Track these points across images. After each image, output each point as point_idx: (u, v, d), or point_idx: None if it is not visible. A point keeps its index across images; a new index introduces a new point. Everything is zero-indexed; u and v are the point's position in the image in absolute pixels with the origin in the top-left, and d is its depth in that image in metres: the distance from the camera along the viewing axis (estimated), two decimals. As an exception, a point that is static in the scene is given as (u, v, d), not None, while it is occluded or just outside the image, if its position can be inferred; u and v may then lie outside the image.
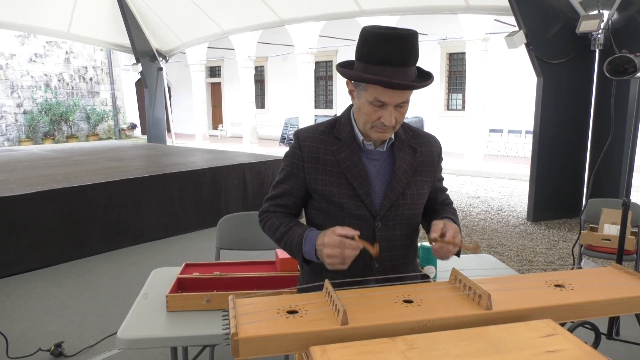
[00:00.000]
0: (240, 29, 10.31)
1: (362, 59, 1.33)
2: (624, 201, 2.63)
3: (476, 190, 8.53)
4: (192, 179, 5.95)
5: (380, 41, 1.28)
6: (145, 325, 1.73)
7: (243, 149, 13.37)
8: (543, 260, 4.76)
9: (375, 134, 1.40)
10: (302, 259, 1.42)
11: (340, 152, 1.43)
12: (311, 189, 1.47)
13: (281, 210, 1.53)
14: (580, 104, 5.98)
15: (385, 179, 1.45)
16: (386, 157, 1.47)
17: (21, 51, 15.71)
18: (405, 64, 1.29)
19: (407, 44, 1.28)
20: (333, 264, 1.31)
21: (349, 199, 1.43)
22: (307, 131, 1.50)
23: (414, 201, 1.48)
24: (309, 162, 1.45)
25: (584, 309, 1.21)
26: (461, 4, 6.85)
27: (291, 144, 1.51)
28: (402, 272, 1.47)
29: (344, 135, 1.45)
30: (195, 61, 16.37)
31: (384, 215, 1.44)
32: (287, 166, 1.51)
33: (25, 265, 4.51)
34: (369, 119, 1.37)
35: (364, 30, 1.32)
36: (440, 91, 13.96)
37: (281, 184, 1.52)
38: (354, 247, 1.30)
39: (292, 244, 1.43)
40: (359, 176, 1.42)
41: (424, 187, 1.51)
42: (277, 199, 1.53)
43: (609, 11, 5.56)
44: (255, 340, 1.02)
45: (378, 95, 1.32)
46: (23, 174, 5.88)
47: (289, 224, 1.47)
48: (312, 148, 1.45)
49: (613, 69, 2.53)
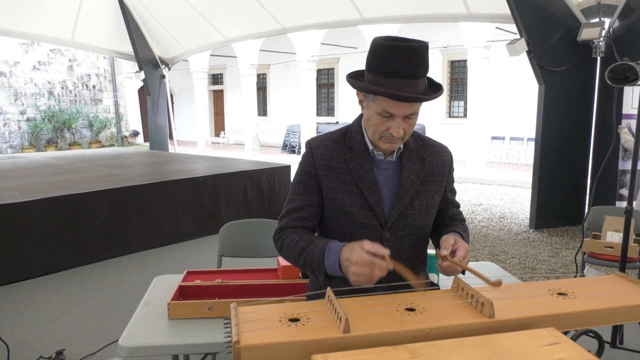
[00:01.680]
0: (242, 36, 10.37)
1: (371, 70, 1.33)
2: (626, 208, 2.62)
3: (478, 197, 8.51)
4: (194, 186, 5.96)
5: (390, 53, 1.28)
6: (146, 333, 1.73)
7: (245, 156, 13.39)
8: (546, 268, 4.74)
9: (383, 144, 1.40)
10: (325, 274, 1.35)
11: (352, 161, 1.44)
12: (323, 197, 1.47)
13: (301, 225, 1.46)
14: (582, 112, 5.99)
15: (394, 188, 1.45)
16: (395, 167, 1.46)
17: (25, 59, 15.81)
18: (415, 76, 1.29)
19: (417, 57, 1.29)
20: (359, 281, 1.27)
21: (360, 208, 1.42)
22: (319, 140, 1.50)
23: (422, 211, 1.47)
24: (321, 169, 1.45)
25: (587, 318, 1.20)
26: (463, 12, 6.88)
27: (303, 154, 1.50)
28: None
29: (355, 145, 1.45)
30: (198, 69, 16.44)
31: (392, 225, 1.43)
32: (301, 175, 1.49)
33: (27, 272, 4.51)
34: (377, 130, 1.37)
35: (374, 41, 1.32)
36: (442, 98, 13.98)
37: (297, 196, 1.48)
38: (383, 268, 1.25)
39: (312, 258, 1.37)
40: (370, 185, 1.42)
41: (434, 197, 1.50)
42: (295, 213, 1.47)
43: (610, 19, 5.58)
44: (257, 348, 1.02)
45: (386, 106, 1.32)
46: (26, 181, 5.90)
47: (309, 238, 1.42)
48: (324, 156, 1.45)
49: (614, 76, 2.54)
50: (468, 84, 11.45)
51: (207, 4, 9.28)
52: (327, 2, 7.93)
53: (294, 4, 8.35)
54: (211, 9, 9.42)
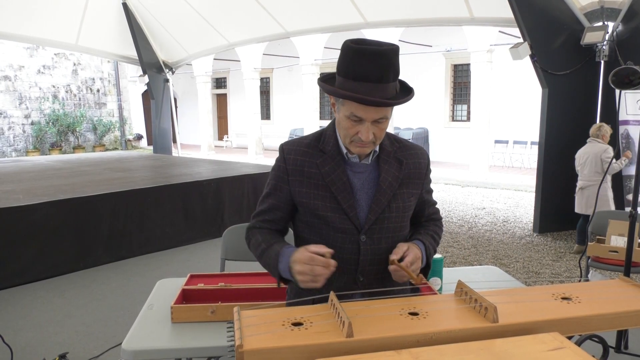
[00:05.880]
0: (246, 40, 10.40)
1: (341, 74, 1.32)
2: (631, 213, 2.61)
3: (482, 201, 8.49)
4: (197, 190, 5.97)
5: (358, 57, 1.27)
6: (150, 337, 1.73)
7: (248, 160, 13.41)
8: (549, 272, 4.72)
9: (354, 148, 1.39)
10: (280, 277, 1.39)
11: (324, 165, 1.43)
12: (297, 202, 1.46)
13: (267, 226, 1.51)
14: (586, 115, 5.97)
15: (370, 192, 1.44)
16: (371, 170, 1.45)
17: (30, 63, 15.90)
18: (384, 80, 1.28)
19: (386, 61, 1.27)
20: (304, 281, 1.30)
21: (333, 212, 1.41)
22: (292, 144, 1.49)
23: (399, 214, 1.46)
24: (293, 175, 1.44)
25: (591, 322, 1.20)
26: (466, 15, 6.88)
27: (276, 158, 1.50)
28: (388, 286, 1.44)
29: (328, 148, 1.44)
30: (201, 72, 16.49)
31: (368, 228, 1.42)
32: (272, 179, 1.50)
33: (30, 275, 4.52)
34: (347, 134, 1.37)
35: (344, 44, 1.32)
36: (445, 102, 13.98)
37: (267, 199, 1.51)
38: (325, 264, 1.28)
39: (269, 261, 1.41)
40: (342, 189, 1.41)
41: (410, 199, 1.49)
42: (263, 215, 1.51)
43: (614, 23, 5.57)
44: (261, 352, 1.02)
45: (354, 110, 1.31)
46: (30, 185, 5.92)
47: (270, 240, 1.45)
48: (296, 161, 1.45)
49: (618, 80, 2.53)
50: (471, 87, 11.45)
51: (211, 8, 9.32)
52: (331, 6, 7.96)
53: (298, 8, 8.38)
54: (215, 13, 9.46)
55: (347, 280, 1.42)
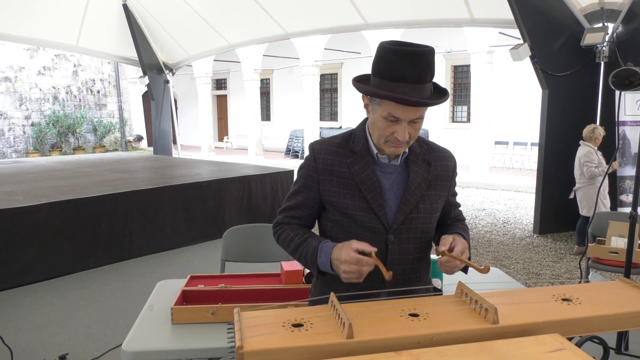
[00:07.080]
0: (246, 42, 10.41)
1: (378, 75, 1.34)
2: (631, 214, 2.61)
3: (482, 202, 8.49)
4: (198, 191, 5.97)
5: (396, 58, 1.29)
6: (150, 338, 1.73)
7: (248, 161, 13.41)
8: (550, 274, 4.72)
9: (388, 148, 1.41)
10: (318, 270, 1.43)
11: (354, 164, 1.45)
12: (325, 201, 1.48)
13: (295, 222, 1.53)
14: (586, 116, 5.97)
15: (399, 192, 1.46)
16: (400, 171, 1.47)
17: (30, 64, 15.91)
18: (421, 81, 1.30)
19: (424, 62, 1.29)
20: (349, 278, 1.34)
21: (362, 212, 1.43)
22: (322, 143, 1.51)
23: (427, 215, 1.48)
24: (323, 174, 1.46)
25: (592, 324, 1.19)
26: (466, 17, 6.89)
27: (306, 156, 1.53)
28: (413, 286, 1.47)
29: (358, 148, 1.46)
30: (202, 74, 16.50)
31: (397, 228, 1.44)
32: (302, 178, 1.52)
33: (30, 277, 4.52)
34: (383, 134, 1.38)
35: (381, 46, 1.33)
36: (445, 103, 13.96)
37: (296, 196, 1.53)
38: (371, 264, 1.32)
39: (307, 256, 1.44)
40: (372, 189, 1.43)
41: (438, 201, 1.51)
42: (291, 211, 1.54)
43: (614, 24, 5.57)
44: (261, 353, 1.02)
45: (392, 110, 1.33)
46: (30, 186, 5.92)
47: (303, 235, 1.48)
48: (326, 160, 1.47)
49: (618, 81, 2.53)
50: (471, 88, 11.46)
51: (211, 9, 9.32)
52: (331, 7, 7.96)
53: (298, 9, 8.38)
54: (215, 15, 9.47)
55: (374, 279, 1.43)
